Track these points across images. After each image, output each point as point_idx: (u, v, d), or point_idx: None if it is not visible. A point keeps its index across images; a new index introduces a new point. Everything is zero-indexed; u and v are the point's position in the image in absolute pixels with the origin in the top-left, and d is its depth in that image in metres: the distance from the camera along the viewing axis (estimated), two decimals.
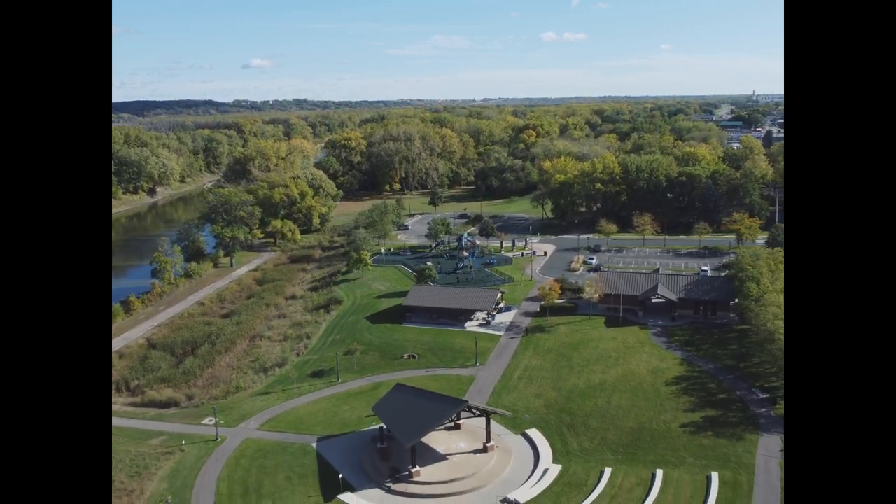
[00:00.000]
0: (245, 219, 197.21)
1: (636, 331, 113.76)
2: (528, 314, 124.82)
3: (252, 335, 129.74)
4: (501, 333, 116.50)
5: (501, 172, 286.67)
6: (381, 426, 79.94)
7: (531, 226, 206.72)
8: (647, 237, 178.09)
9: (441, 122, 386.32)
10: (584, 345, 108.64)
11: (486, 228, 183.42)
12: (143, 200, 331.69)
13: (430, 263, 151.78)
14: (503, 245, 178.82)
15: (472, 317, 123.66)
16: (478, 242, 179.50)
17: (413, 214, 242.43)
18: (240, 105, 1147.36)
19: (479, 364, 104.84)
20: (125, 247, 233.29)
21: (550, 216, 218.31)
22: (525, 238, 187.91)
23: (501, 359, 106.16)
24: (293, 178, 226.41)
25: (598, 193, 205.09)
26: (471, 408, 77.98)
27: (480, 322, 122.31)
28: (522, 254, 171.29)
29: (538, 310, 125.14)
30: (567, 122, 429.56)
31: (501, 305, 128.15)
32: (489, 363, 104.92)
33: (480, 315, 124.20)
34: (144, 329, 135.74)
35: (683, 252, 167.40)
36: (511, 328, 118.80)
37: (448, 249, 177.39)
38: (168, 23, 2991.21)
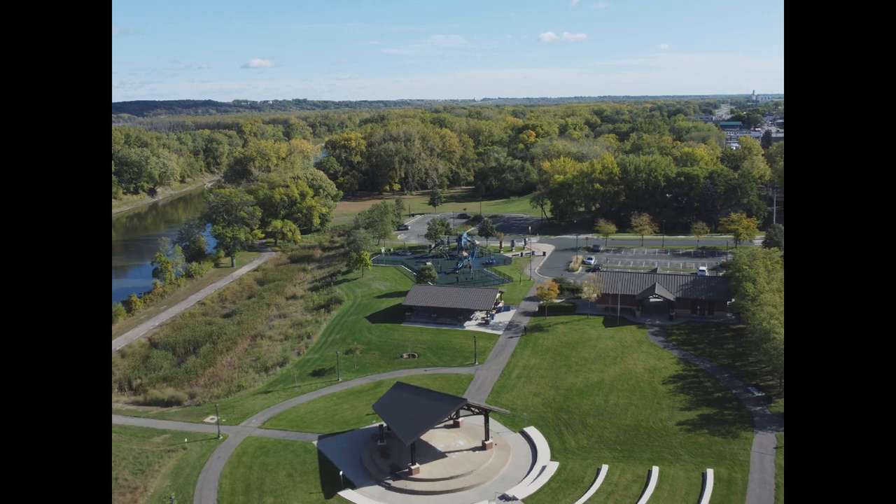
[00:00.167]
0: (245, 219, 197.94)
1: (634, 330, 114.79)
2: (527, 314, 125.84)
3: (253, 334, 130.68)
4: (500, 333, 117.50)
5: (501, 173, 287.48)
6: (382, 424, 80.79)
7: (530, 226, 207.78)
8: (646, 237, 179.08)
9: (440, 123, 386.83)
10: (583, 344, 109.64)
11: (486, 228, 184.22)
12: (144, 200, 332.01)
13: (430, 263, 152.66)
14: (502, 245, 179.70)
15: (472, 316, 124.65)
16: (477, 242, 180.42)
17: (413, 215, 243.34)
18: (239, 105, 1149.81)
19: (479, 363, 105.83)
20: (126, 247, 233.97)
21: (549, 216, 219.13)
22: (524, 238, 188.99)
23: (500, 358, 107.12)
24: (293, 179, 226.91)
25: (597, 194, 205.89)
26: (470, 406, 78.92)
27: (480, 321, 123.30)
28: (521, 254, 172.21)
29: (537, 309, 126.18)
30: (566, 123, 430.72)
31: (500, 305, 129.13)
32: (488, 362, 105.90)
33: (480, 314, 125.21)
34: (146, 328, 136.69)
35: (681, 252, 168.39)
36: (510, 327, 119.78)
37: (447, 249, 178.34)
38: (167, 23, 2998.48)
